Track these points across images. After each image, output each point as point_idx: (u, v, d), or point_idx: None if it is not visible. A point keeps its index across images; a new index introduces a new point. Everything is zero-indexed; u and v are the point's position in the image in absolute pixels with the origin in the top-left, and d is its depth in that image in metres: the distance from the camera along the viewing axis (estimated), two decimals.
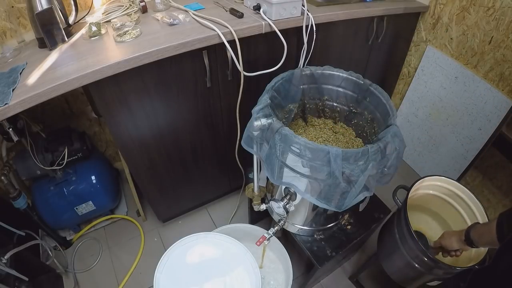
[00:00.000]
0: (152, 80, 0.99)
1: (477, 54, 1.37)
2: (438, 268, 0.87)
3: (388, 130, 0.81)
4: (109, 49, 0.93)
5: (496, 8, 1.24)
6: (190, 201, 1.56)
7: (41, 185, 1.33)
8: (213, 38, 0.97)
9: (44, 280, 1.24)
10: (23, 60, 0.91)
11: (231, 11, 1.10)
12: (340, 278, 1.40)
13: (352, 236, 1.10)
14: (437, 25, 1.50)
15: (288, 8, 1.05)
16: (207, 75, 1.06)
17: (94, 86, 0.88)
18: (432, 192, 1.08)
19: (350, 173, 0.73)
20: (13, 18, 1.09)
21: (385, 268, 1.07)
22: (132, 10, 1.14)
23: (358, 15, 1.26)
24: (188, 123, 1.17)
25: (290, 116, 1.09)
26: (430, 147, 1.74)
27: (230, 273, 0.95)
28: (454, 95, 1.51)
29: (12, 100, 0.75)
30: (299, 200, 0.98)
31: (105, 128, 1.61)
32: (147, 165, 1.19)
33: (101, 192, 1.41)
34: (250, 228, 1.22)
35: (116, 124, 1.01)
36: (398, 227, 0.97)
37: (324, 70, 1.04)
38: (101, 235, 1.54)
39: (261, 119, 0.81)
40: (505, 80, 1.30)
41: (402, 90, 1.85)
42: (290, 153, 0.77)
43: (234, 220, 1.60)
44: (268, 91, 0.91)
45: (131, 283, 1.36)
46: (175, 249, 0.97)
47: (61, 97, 1.16)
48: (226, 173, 1.50)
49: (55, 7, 0.95)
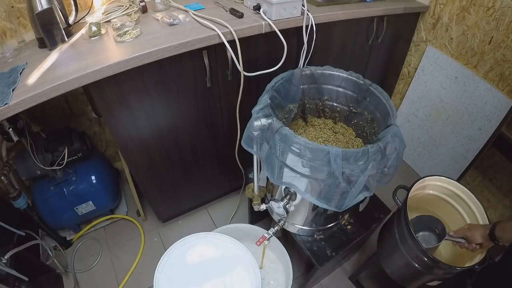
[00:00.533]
0: (152, 80, 0.99)
1: (477, 54, 1.37)
2: (438, 268, 0.87)
3: (388, 130, 0.81)
4: (109, 49, 0.93)
5: (496, 8, 1.24)
6: (190, 201, 1.56)
7: (41, 185, 1.33)
8: (213, 38, 0.97)
9: (44, 280, 1.24)
10: (23, 60, 0.91)
11: (231, 11, 1.10)
12: (340, 278, 1.40)
13: (352, 236, 1.10)
14: (437, 25, 1.50)
15: (288, 8, 1.05)
16: (207, 75, 1.06)
17: (94, 86, 0.88)
18: (432, 192, 1.08)
19: (350, 173, 0.73)
20: (13, 18, 1.09)
21: (385, 268, 1.07)
22: (132, 10, 1.14)
23: (358, 15, 1.26)
24: (188, 123, 1.17)
25: (290, 116, 1.09)
26: (430, 147, 1.74)
27: (230, 273, 0.95)
28: (454, 95, 1.51)
29: (12, 100, 0.75)
30: (299, 200, 0.98)
31: (105, 128, 1.61)
32: (147, 165, 1.19)
33: (101, 192, 1.41)
34: (250, 228, 1.22)
35: (116, 124, 1.01)
36: (398, 227, 0.97)
37: (324, 70, 1.04)
38: (101, 235, 1.54)
39: (261, 119, 0.81)
40: (505, 80, 1.30)
41: (402, 90, 1.85)
42: (290, 153, 0.77)
43: (234, 220, 1.60)
44: (268, 91, 0.91)
45: (131, 283, 1.36)
46: (175, 249, 0.97)
47: (61, 97, 1.16)
48: (226, 173, 1.50)
49: (55, 7, 0.95)
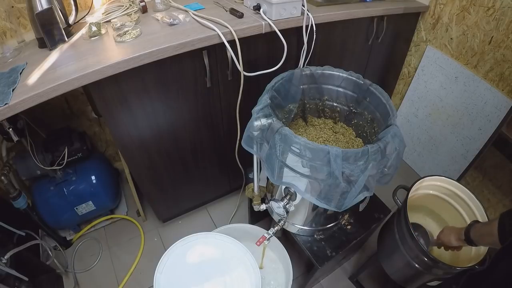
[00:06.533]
0: (152, 80, 0.98)
1: (477, 54, 1.37)
2: (438, 268, 0.87)
3: (388, 130, 0.81)
4: (109, 49, 0.93)
5: (496, 8, 1.24)
6: (190, 201, 1.56)
7: (41, 185, 1.33)
8: (213, 38, 0.97)
9: (44, 280, 1.24)
10: (23, 60, 0.91)
11: (231, 11, 1.10)
12: (340, 278, 1.40)
13: (352, 236, 1.10)
14: (437, 25, 1.50)
15: (288, 8, 1.05)
16: (207, 75, 1.06)
17: (94, 86, 0.88)
18: (432, 192, 1.08)
19: (350, 173, 0.73)
20: (13, 18, 1.09)
21: (385, 268, 1.07)
22: (132, 10, 1.14)
23: (358, 15, 1.26)
24: (188, 123, 1.17)
25: (290, 116, 1.09)
26: (430, 147, 1.74)
27: (230, 273, 0.95)
28: (454, 95, 1.51)
29: (12, 100, 0.75)
30: (299, 200, 0.98)
31: (105, 128, 1.60)
32: (147, 165, 1.19)
33: (101, 192, 1.41)
34: (250, 228, 1.22)
35: (116, 124, 1.01)
36: (398, 227, 0.97)
37: (324, 70, 1.04)
38: (101, 235, 1.54)
39: (261, 119, 0.81)
40: (505, 80, 1.30)
41: (402, 90, 1.85)
42: (290, 153, 0.77)
43: (234, 220, 1.60)
44: (268, 91, 0.91)
45: (131, 283, 1.36)
46: (175, 249, 0.97)
47: (61, 97, 1.15)
48: (226, 173, 1.50)
49: (55, 7, 0.94)
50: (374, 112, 0.99)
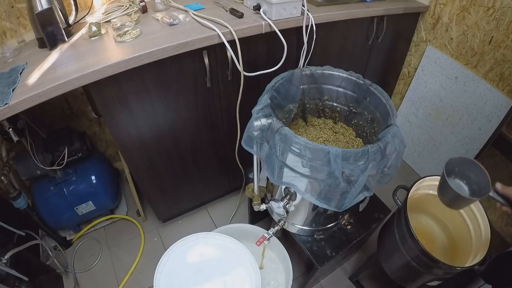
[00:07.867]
0: (152, 80, 0.98)
1: (477, 54, 1.37)
2: (438, 268, 0.87)
3: (388, 130, 0.81)
4: (109, 49, 0.93)
5: (496, 8, 1.24)
6: (190, 201, 1.56)
7: (41, 185, 1.33)
8: (213, 38, 0.97)
9: (44, 280, 1.24)
10: (23, 60, 0.91)
11: (231, 11, 1.10)
12: (340, 278, 1.40)
13: (352, 236, 1.10)
14: (437, 25, 1.50)
15: (288, 8, 1.05)
16: (207, 75, 1.06)
17: (94, 86, 0.88)
18: (432, 192, 1.07)
19: (350, 173, 0.73)
20: (13, 18, 1.09)
21: (385, 268, 1.07)
22: (132, 10, 1.14)
23: (358, 15, 1.26)
24: (188, 123, 1.17)
25: (290, 116, 1.09)
26: (430, 147, 1.74)
27: (230, 273, 0.95)
28: (454, 95, 1.51)
29: (12, 100, 0.75)
30: (299, 200, 0.98)
31: (105, 128, 1.60)
32: (147, 165, 1.19)
33: (101, 192, 1.41)
34: (250, 228, 1.22)
35: (116, 124, 1.01)
36: (398, 227, 0.97)
37: (324, 70, 1.04)
38: (101, 235, 1.54)
39: (261, 119, 0.81)
40: (505, 80, 1.30)
41: (402, 90, 1.85)
42: (290, 153, 0.77)
43: (234, 220, 1.60)
44: (268, 91, 0.91)
45: (131, 283, 1.36)
46: (175, 249, 0.97)
47: (61, 97, 1.16)
48: (226, 173, 1.50)
49: (55, 7, 0.95)
50: (374, 112, 0.99)
